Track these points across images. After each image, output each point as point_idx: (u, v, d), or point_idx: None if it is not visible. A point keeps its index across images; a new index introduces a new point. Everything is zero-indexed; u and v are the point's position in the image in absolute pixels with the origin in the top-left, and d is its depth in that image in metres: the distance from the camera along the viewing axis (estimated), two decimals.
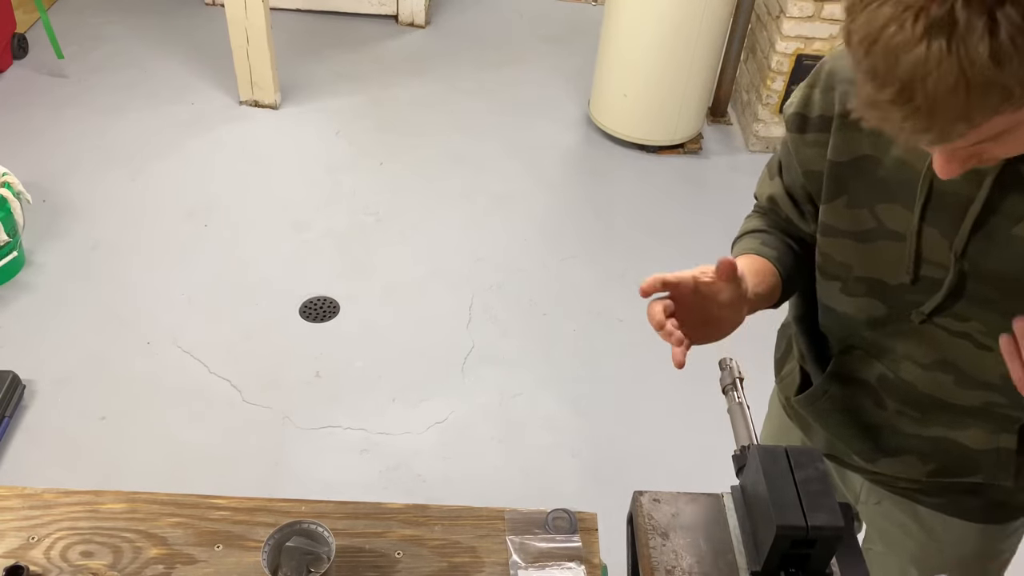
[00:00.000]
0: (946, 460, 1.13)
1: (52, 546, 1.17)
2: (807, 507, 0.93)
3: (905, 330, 1.06)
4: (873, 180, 1.00)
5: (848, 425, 1.18)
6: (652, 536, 1.07)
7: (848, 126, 1.00)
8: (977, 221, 0.94)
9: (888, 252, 1.02)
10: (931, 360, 1.06)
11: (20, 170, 2.95)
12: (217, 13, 4.29)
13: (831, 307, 1.14)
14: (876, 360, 1.12)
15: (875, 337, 1.10)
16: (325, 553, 1.11)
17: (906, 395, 1.11)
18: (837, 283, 1.10)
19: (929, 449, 1.13)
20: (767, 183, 1.21)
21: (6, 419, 2.38)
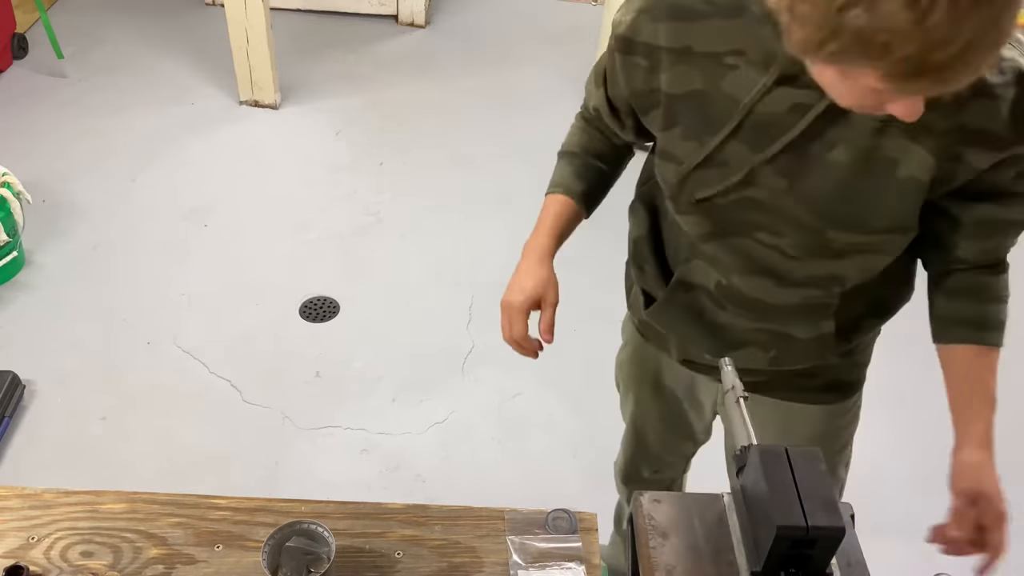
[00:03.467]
0: (782, 349, 1.26)
1: (52, 546, 1.17)
2: (807, 507, 0.93)
3: (729, 242, 1.17)
4: (703, 114, 1.08)
5: (695, 327, 1.30)
6: (652, 536, 1.07)
7: (682, 60, 1.06)
8: (793, 143, 1.03)
9: (713, 175, 1.11)
10: (750, 269, 1.18)
11: (20, 170, 2.95)
12: (217, 13, 4.29)
13: (673, 221, 1.25)
14: (712, 269, 1.23)
15: (707, 249, 1.20)
16: (325, 553, 1.11)
17: (738, 299, 1.22)
18: (673, 203, 1.20)
19: (766, 340, 1.25)
20: (593, 91, 1.29)
21: (6, 419, 2.38)
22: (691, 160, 1.11)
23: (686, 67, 1.07)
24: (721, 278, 1.22)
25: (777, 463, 0.98)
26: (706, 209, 1.15)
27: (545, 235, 1.35)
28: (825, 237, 1.09)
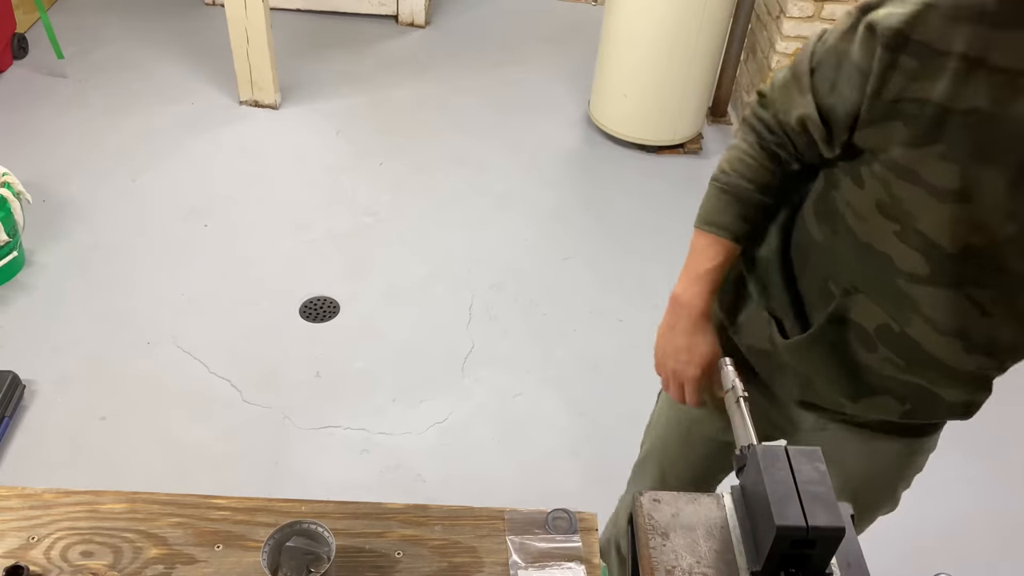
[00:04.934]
0: (920, 405, 1.15)
1: (52, 546, 1.17)
2: (807, 507, 0.93)
3: (940, 295, 1.02)
4: (977, 138, 0.92)
5: (834, 367, 1.17)
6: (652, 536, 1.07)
7: (971, 72, 0.90)
8: None
9: (958, 216, 0.96)
10: (951, 326, 1.05)
11: (20, 170, 2.96)
12: (217, 13, 4.29)
13: (873, 245, 1.06)
14: (882, 309, 1.08)
15: (901, 289, 1.05)
16: (325, 553, 1.10)
17: (904, 349, 1.09)
18: (895, 225, 1.02)
19: (907, 393, 1.15)
20: (796, 99, 1.08)
21: (6, 419, 2.38)
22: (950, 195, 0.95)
23: (974, 80, 0.90)
24: (893, 322, 1.08)
25: (777, 463, 0.98)
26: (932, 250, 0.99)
27: (705, 291, 1.21)
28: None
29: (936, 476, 2.51)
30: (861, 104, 0.99)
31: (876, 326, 1.10)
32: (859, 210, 1.06)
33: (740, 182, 1.18)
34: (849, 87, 1.00)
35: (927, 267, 1.02)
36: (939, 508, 2.39)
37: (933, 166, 0.95)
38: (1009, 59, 0.88)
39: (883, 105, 0.97)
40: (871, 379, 1.16)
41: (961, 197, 0.95)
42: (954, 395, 1.13)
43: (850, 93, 1.00)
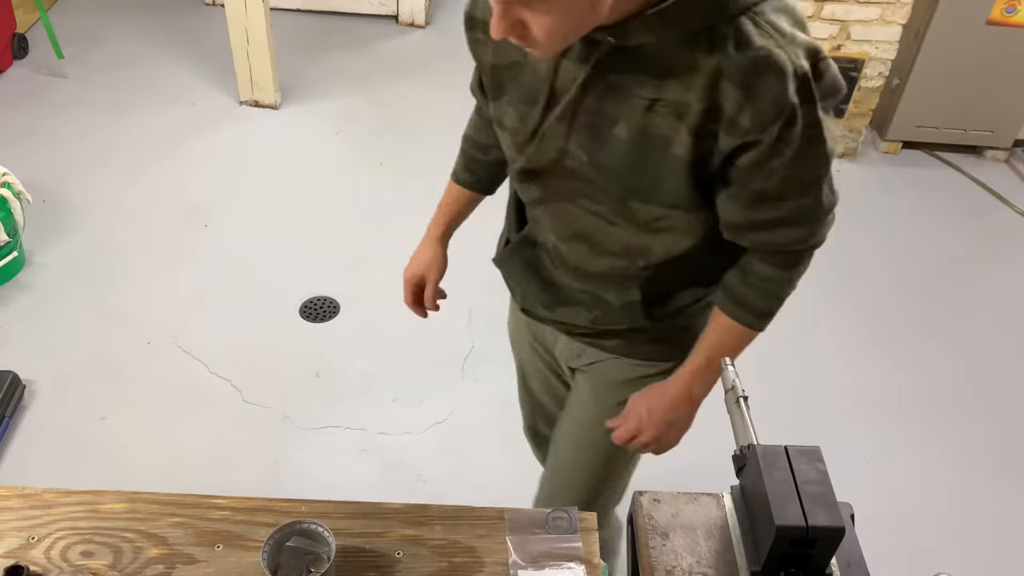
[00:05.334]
0: (601, 311, 1.35)
1: (52, 546, 1.17)
2: (807, 507, 0.94)
3: (553, 208, 1.26)
4: (519, 83, 1.17)
5: (532, 281, 1.41)
6: (652, 536, 1.08)
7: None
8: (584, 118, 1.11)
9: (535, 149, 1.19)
10: (571, 232, 1.26)
11: (20, 170, 2.95)
12: (217, 13, 4.29)
13: (515, 183, 1.34)
14: (543, 230, 1.32)
15: (537, 213, 1.31)
16: (325, 553, 1.11)
17: (565, 260, 1.32)
18: (510, 167, 1.28)
19: (589, 301, 1.35)
20: (474, 74, 1.38)
21: (6, 419, 2.38)
22: (518, 132, 1.20)
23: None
24: (551, 238, 1.31)
25: (777, 463, 0.98)
26: (534, 176, 1.24)
27: (439, 220, 1.58)
28: (628, 207, 1.16)
29: (936, 476, 2.51)
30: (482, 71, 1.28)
31: (552, 244, 1.32)
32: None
33: (466, 134, 1.54)
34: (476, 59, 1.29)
35: (538, 191, 1.26)
36: (939, 508, 2.39)
37: (506, 112, 1.21)
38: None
39: (486, 71, 1.24)
40: (564, 293, 1.37)
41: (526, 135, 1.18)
42: (614, 296, 1.31)
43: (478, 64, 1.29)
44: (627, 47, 1.02)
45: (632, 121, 1.08)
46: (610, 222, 1.20)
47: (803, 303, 3.16)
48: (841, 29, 3.47)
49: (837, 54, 3.53)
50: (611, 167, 1.13)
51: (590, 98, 1.09)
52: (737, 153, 1.06)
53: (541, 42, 0.97)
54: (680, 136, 1.06)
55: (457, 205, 1.56)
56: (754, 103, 1.01)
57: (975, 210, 3.60)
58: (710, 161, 1.08)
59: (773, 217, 1.14)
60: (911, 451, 2.54)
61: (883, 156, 3.87)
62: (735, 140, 1.04)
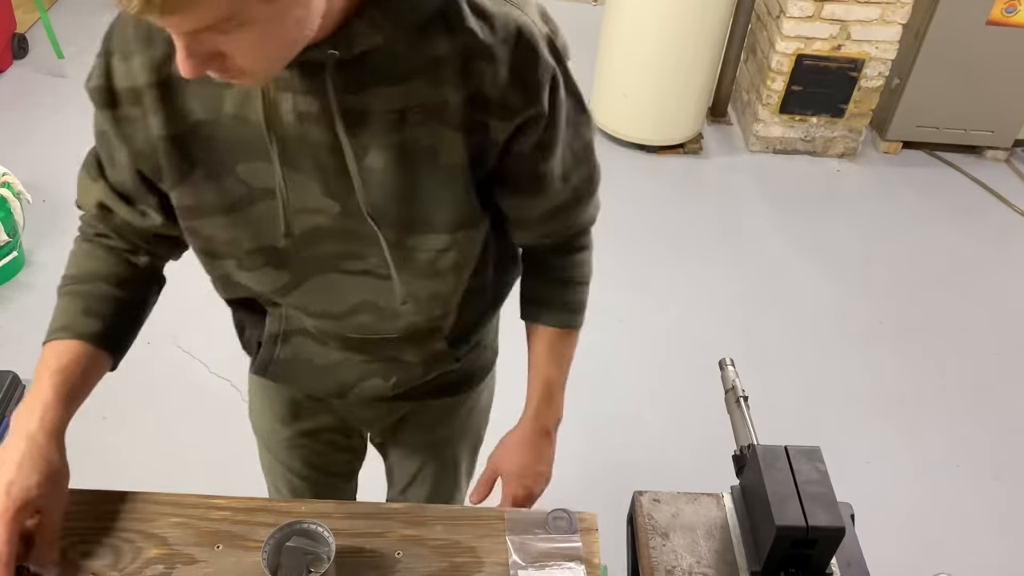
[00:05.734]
0: (400, 374, 1.19)
1: None
2: (807, 507, 0.94)
3: (312, 286, 1.03)
4: (220, 144, 0.92)
5: (309, 374, 1.20)
6: (652, 536, 1.08)
7: (172, 94, 0.91)
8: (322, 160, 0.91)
9: (270, 213, 0.96)
10: (348, 306, 1.05)
11: (20, 170, 2.95)
12: None
13: (237, 282, 1.07)
14: (301, 314, 1.10)
15: (291, 300, 1.07)
16: (325, 553, 1.11)
17: (342, 340, 1.12)
18: (232, 261, 1.03)
19: (384, 371, 1.17)
20: (91, 189, 1.10)
21: (6, 419, 2.38)
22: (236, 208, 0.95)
23: (178, 100, 0.91)
24: (316, 322, 1.10)
25: (777, 463, 0.98)
26: (274, 257, 1.00)
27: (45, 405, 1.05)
28: (407, 247, 0.98)
29: (936, 476, 2.51)
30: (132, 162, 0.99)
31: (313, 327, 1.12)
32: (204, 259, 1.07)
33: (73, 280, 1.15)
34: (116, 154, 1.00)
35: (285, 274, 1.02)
36: (939, 508, 2.39)
37: (209, 189, 0.95)
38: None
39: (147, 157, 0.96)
40: (349, 373, 1.18)
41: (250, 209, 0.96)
42: (413, 355, 1.16)
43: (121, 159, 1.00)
44: (353, 58, 0.84)
45: (384, 143, 0.90)
46: (386, 276, 1.01)
47: (803, 303, 3.17)
48: (841, 29, 3.48)
49: (837, 54, 3.53)
50: (374, 207, 0.94)
51: (326, 133, 0.89)
52: (515, 139, 0.94)
53: (249, 70, 0.77)
54: (446, 140, 0.91)
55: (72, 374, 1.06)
56: (518, 76, 0.90)
57: (975, 210, 3.60)
58: (486, 158, 0.95)
59: (564, 200, 1.06)
60: (911, 451, 2.54)
61: (883, 156, 3.87)
62: (509, 125, 0.92)
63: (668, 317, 2.87)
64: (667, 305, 2.89)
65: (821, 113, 3.70)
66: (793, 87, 3.62)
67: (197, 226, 1.00)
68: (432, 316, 1.10)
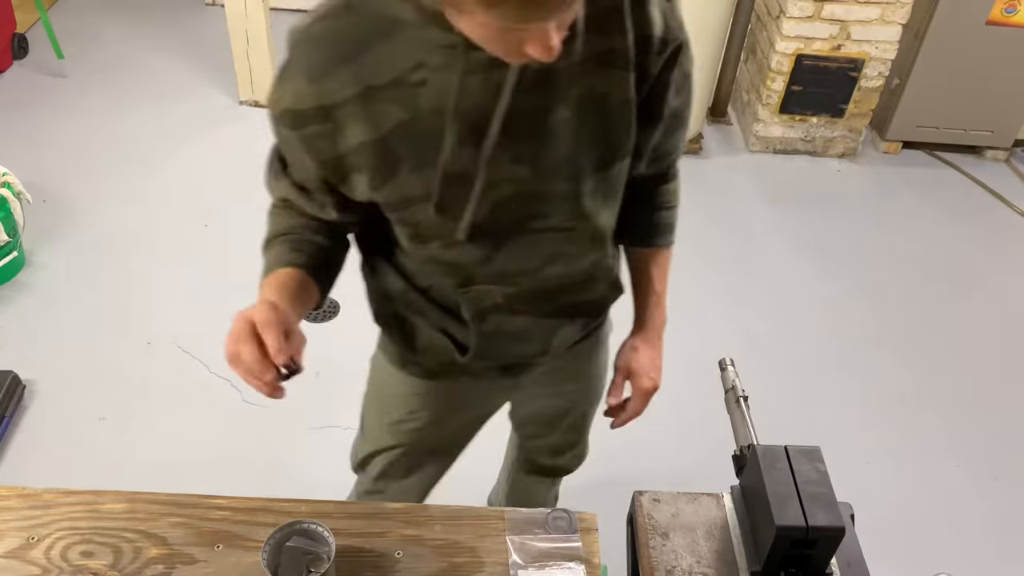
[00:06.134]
0: (587, 312, 1.32)
1: (52, 546, 1.17)
2: (807, 507, 0.94)
3: (508, 250, 1.11)
4: (421, 139, 1.00)
5: (513, 342, 1.27)
6: (652, 536, 1.08)
7: (371, 102, 0.98)
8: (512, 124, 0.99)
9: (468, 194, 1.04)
10: (539, 262, 1.14)
11: (20, 170, 2.95)
12: (217, 13, 4.29)
13: (441, 262, 1.16)
14: (496, 285, 1.17)
15: (491, 269, 1.14)
16: (325, 553, 1.11)
17: (535, 298, 1.20)
18: (437, 242, 1.11)
19: (575, 313, 1.28)
20: (275, 186, 1.18)
21: (6, 419, 2.38)
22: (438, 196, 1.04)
23: (379, 105, 0.98)
24: (509, 289, 1.18)
25: (777, 463, 0.98)
26: (476, 231, 1.08)
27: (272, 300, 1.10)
28: (581, 192, 1.08)
29: (936, 476, 2.51)
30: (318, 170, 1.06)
31: (503, 296, 1.18)
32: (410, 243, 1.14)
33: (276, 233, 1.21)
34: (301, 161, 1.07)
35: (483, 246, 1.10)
36: (939, 508, 2.39)
37: (416, 182, 1.03)
38: (379, 75, 0.96)
39: (335, 164, 1.04)
40: (545, 328, 1.27)
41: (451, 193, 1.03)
42: (597, 292, 1.27)
43: (307, 165, 1.07)
44: None
45: (567, 97, 1.00)
46: (569, 226, 1.12)
47: (803, 303, 3.17)
48: (841, 29, 3.48)
49: (837, 54, 3.53)
50: (559, 161, 1.04)
51: (512, 101, 0.97)
52: (663, 70, 1.06)
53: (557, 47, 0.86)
54: (617, 82, 1.02)
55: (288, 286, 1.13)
56: (666, 13, 1.03)
57: (975, 210, 3.60)
58: (639, 93, 1.05)
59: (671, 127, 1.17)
60: (911, 451, 2.54)
61: (883, 156, 3.87)
62: (661, 58, 1.05)
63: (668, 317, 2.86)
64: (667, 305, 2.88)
65: (821, 113, 3.70)
66: (793, 87, 3.62)
67: (407, 216, 1.08)
68: (605, 247, 1.20)
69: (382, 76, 0.96)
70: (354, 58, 0.96)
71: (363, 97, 0.97)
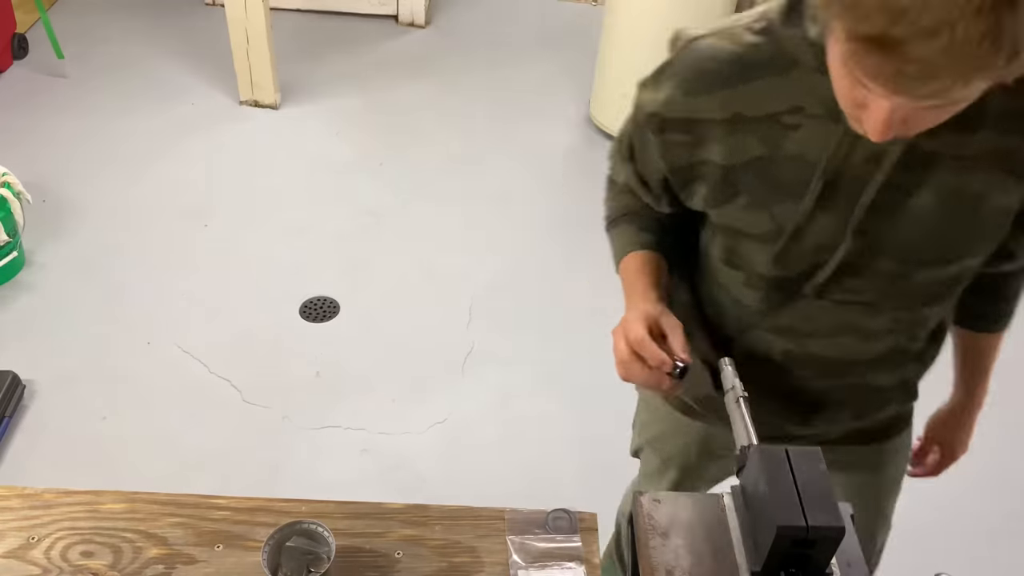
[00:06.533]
0: (863, 402, 1.20)
1: (52, 546, 1.17)
2: (807, 507, 0.93)
3: (801, 308, 1.08)
4: (768, 181, 1.00)
5: (768, 400, 1.17)
6: (652, 536, 1.07)
7: (735, 130, 0.99)
8: (875, 200, 0.96)
9: (784, 251, 1.03)
10: (827, 330, 1.10)
11: (20, 170, 2.95)
12: (217, 13, 4.29)
13: (732, 296, 1.14)
14: (778, 338, 1.14)
15: (774, 319, 1.12)
16: (325, 553, 1.11)
17: (814, 363, 1.14)
18: (741, 274, 1.10)
19: (847, 396, 1.19)
20: (620, 167, 1.20)
21: (6, 419, 2.38)
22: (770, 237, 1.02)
23: (741, 135, 0.98)
24: (790, 346, 1.14)
25: (777, 463, 0.98)
26: (776, 284, 1.07)
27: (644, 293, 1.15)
28: (911, 282, 1.02)
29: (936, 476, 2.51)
30: (665, 172, 1.08)
31: (780, 352, 1.15)
32: (713, 260, 1.14)
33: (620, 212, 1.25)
34: (651, 158, 1.09)
35: (780, 296, 1.08)
36: (939, 508, 2.39)
37: (744, 217, 1.03)
38: (753, 107, 0.97)
39: (679, 172, 1.06)
40: (809, 399, 1.19)
41: (781, 235, 1.02)
42: (887, 378, 1.17)
43: (655, 164, 1.09)
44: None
45: (938, 184, 0.94)
46: (870, 306, 1.06)
47: None
48: None
49: None
50: (901, 243, 0.98)
51: (883, 172, 0.93)
52: None
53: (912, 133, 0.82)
54: (1000, 185, 0.94)
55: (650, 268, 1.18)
56: None
57: None
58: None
59: None
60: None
61: None
62: None
63: None
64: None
65: None
66: None
67: (725, 240, 1.09)
68: (913, 337, 1.13)
69: (756, 109, 0.97)
70: (733, 85, 0.97)
71: (729, 123, 0.98)
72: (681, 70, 1.01)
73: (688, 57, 1.01)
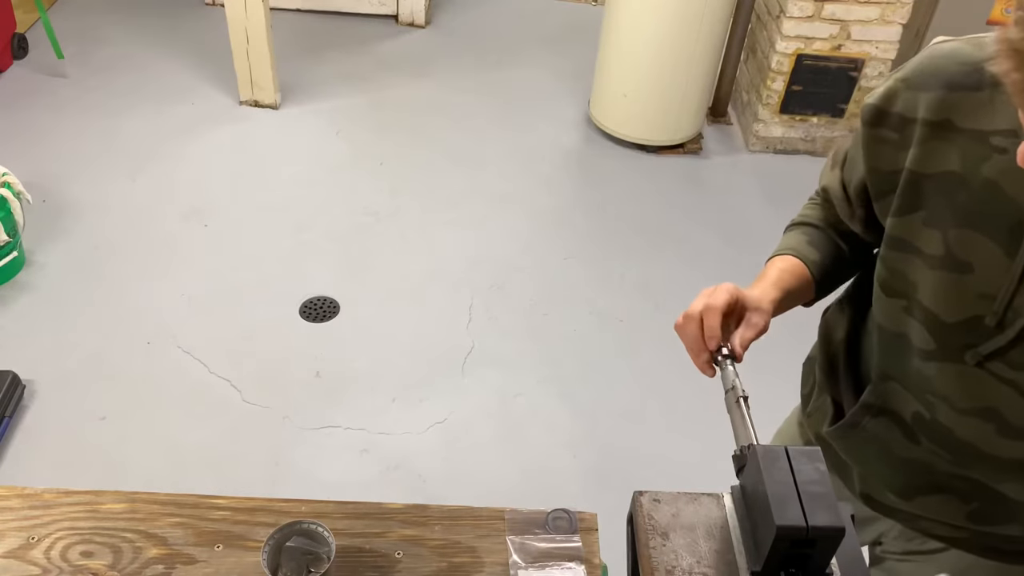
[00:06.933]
0: (987, 504, 1.07)
1: (52, 546, 1.17)
2: (807, 507, 0.93)
3: (949, 370, 0.99)
4: (954, 201, 0.92)
5: (880, 460, 1.13)
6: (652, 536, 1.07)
7: (938, 136, 0.93)
8: None
9: (949, 284, 0.95)
10: (970, 405, 0.99)
11: (20, 170, 2.95)
12: (217, 13, 4.29)
13: (887, 327, 1.06)
14: (912, 396, 1.06)
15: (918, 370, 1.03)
16: (325, 553, 1.10)
17: (941, 437, 1.04)
18: (902, 301, 1.02)
19: (969, 489, 1.07)
20: (827, 172, 1.17)
21: (6, 419, 2.38)
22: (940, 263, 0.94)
23: (942, 143, 0.92)
24: (923, 409, 1.04)
25: (777, 463, 0.98)
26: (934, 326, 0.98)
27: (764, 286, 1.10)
28: None
29: None
30: (865, 175, 1.04)
31: (911, 414, 1.07)
32: (876, 291, 1.07)
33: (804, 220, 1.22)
34: (857, 159, 1.06)
35: (932, 341, 0.99)
36: None
37: (919, 233, 0.97)
38: (967, 119, 0.91)
39: (881, 177, 1.01)
40: (923, 475, 1.09)
41: (950, 265, 0.95)
42: (1016, 490, 1.03)
43: (859, 167, 1.06)
44: None
45: None
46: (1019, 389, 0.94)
47: None
48: (841, 29, 3.47)
49: (837, 54, 3.53)
50: None
51: None
52: None
53: None
54: None
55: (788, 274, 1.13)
56: None
57: None
58: None
59: None
60: None
61: None
62: None
63: (668, 317, 2.87)
64: (667, 305, 2.88)
65: (821, 113, 3.70)
66: (793, 87, 3.62)
67: (891, 257, 1.02)
68: None
69: (969, 121, 0.91)
70: (957, 88, 0.91)
71: (936, 127, 0.93)
72: (914, 64, 0.97)
73: (926, 53, 0.97)
